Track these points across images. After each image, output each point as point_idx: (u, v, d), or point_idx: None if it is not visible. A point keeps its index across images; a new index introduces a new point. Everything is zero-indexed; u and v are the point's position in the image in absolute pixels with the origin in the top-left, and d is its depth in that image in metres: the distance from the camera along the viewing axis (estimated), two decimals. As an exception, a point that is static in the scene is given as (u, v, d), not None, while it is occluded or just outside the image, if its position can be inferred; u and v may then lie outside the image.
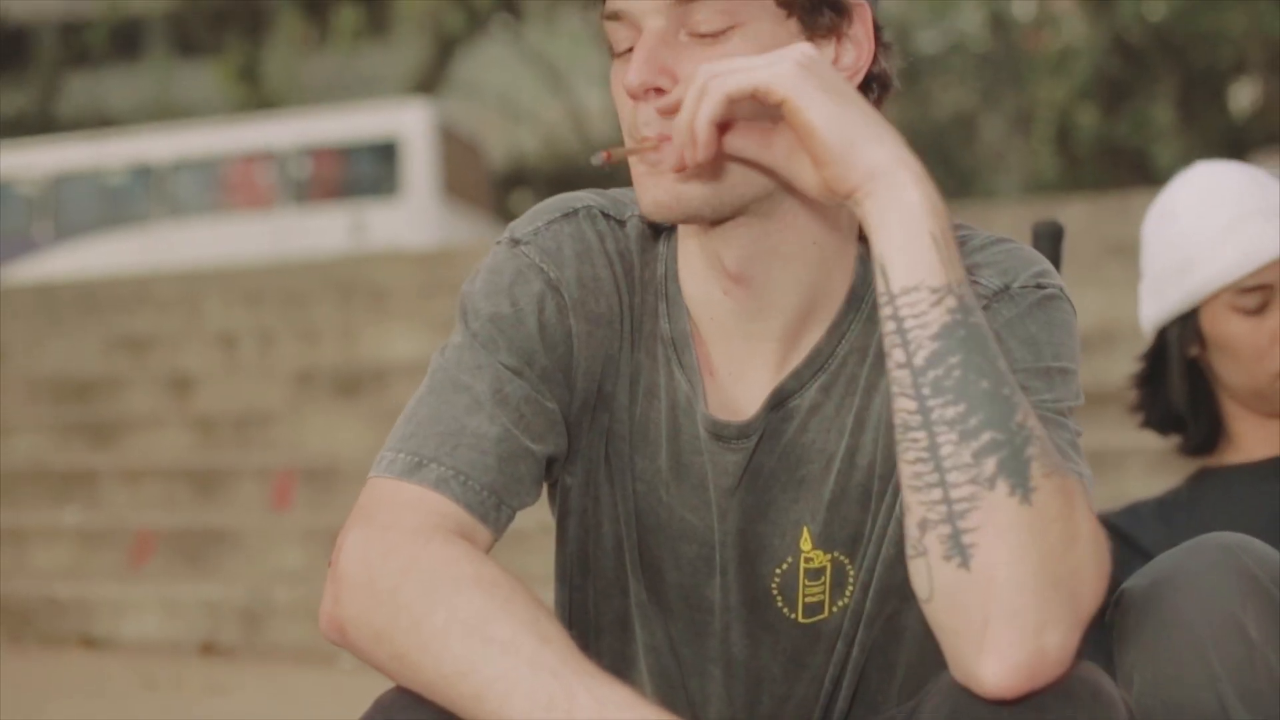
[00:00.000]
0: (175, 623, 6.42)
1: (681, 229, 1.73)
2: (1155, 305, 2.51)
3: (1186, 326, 2.47)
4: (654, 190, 1.63)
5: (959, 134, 23.57)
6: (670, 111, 1.58)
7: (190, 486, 7.78)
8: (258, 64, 28.38)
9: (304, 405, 8.75)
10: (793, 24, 1.62)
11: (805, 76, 1.49)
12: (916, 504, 1.46)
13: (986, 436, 1.44)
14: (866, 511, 1.72)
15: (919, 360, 1.46)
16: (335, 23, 28.30)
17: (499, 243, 1.75)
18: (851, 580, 1.73)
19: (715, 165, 1.59)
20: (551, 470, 1.73)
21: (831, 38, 1.64)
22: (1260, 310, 2.39)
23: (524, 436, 1.65)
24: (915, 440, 1.46)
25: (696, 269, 1.72)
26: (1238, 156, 2.59)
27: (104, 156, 24.44)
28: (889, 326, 1.48)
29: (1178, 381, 2.49)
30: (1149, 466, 5.26)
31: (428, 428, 1.64)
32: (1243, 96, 23.77)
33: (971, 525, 1.43)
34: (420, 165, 22.45)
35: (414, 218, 21.73)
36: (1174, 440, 2.58)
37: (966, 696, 1.47)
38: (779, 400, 1.71)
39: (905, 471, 1.47)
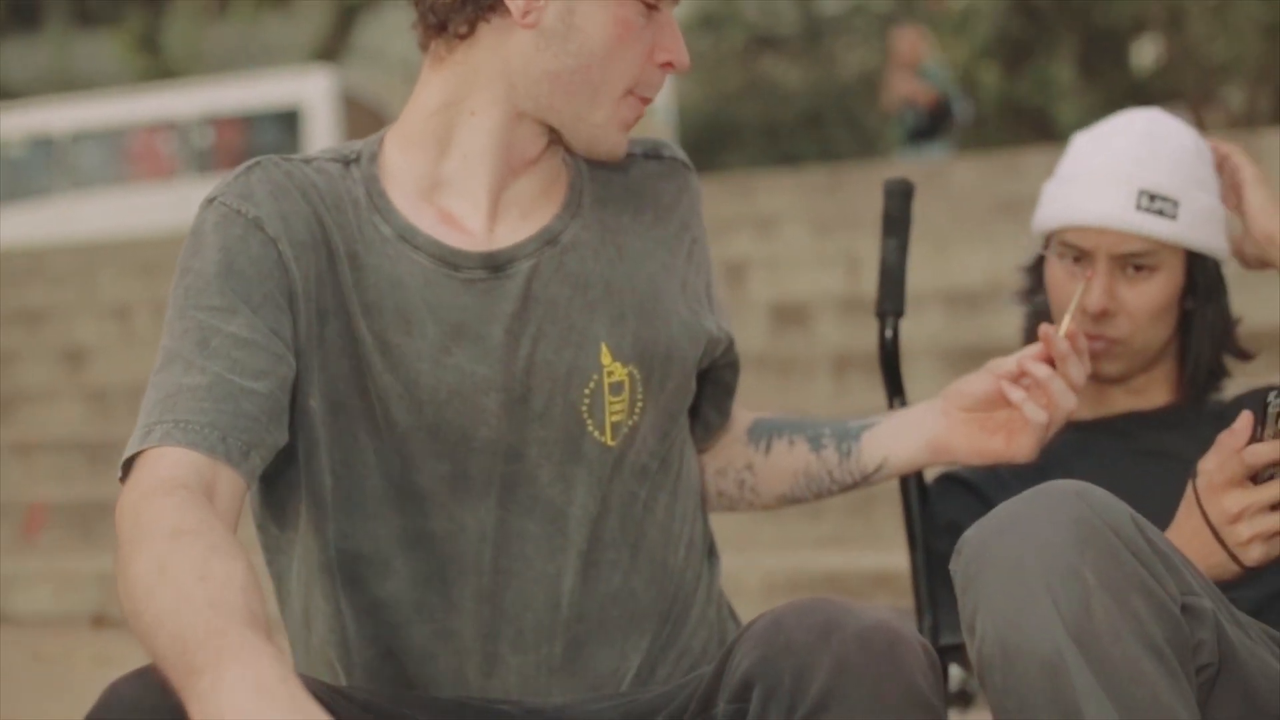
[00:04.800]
0: (67, 595, 6.35)
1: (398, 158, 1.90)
2: (1035, 218, 2.50)
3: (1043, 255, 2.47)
4: None
5: (862, 94, 23.53)
6: None
7: (83, 459, 7.70)
8: (158, 34, 28.04)
9: (199, 375, 8.60)
10: None
11: None
12: None
13: None
14: (650, 330, 1.92)
15: None
16: (236, -9, 28.04)
17: (199, 211, 1.85)
18: (641, 397, 1.90)
19: None
20: (295, 402, 1.82)
21: None
22: (1076, 263, 2.38)
23: (240, 378, 1.72)
24: None
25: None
26: None
27: (3, 129, 24.14)
28: None
29: (1041, 298, 2.48)
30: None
31: (152, 402, 1.73)
32: (1145, 54, 23.90)
33: None
34: (323, 133, 22.26)
35: (318, 185, 21.58)
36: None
37: (774, 634, 1.59)
38: (549, 236, 1.90)
39: None
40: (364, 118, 23.53)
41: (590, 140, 1.90)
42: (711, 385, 2.09)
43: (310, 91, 23.00)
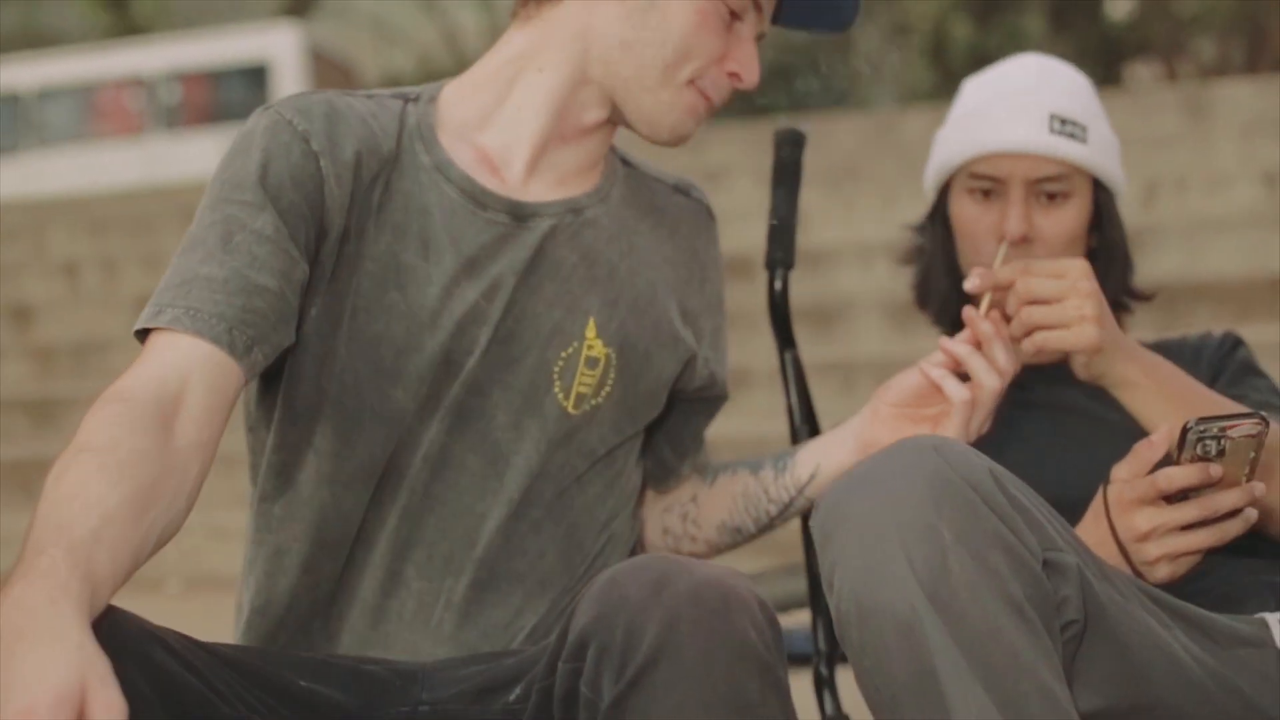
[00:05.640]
0: (10, 554, 6.28)
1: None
2: (928, 171, 2.48)
3: (943, 200, 2.44)
4: None
5: (835, 47, 23.54)
6: None
7: (27, 417, 7.67)
8: (126, -11, 27.93)
9: (146, 332, 8.58)
10: None
11: None
12: None
13: None
14: (638, 324, 2.00)
15: None
16: (204, -55, 27.87)
17: (254, 115, 1.91)
18: (611, 381, 1.98)
19: None
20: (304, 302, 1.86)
21: None
22: (987, 197, 2.35)
23: (257, 275, 1.77)
24: None
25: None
26: (1111, 66, 2.54)
27: (-32, 87, 24.03)
28: None
29: (936, 260, 2.46)
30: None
31: (168, 283, 1.78)
32: (1117, 7, 23.87)
33: None
34: (291, 88, 22.21)
35: (285, 141, 21.46)
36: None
37: (609, 591, 1.59)
38: (575, 206, 1.99)
39: None
40: (332, 73, 23.50)
41: (652, 115, 1.98)
42: (682, 418, 2.18)
43: (278, 47, 22.96)
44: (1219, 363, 2.36)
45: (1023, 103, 2.34)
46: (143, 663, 1.56)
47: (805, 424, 2.45)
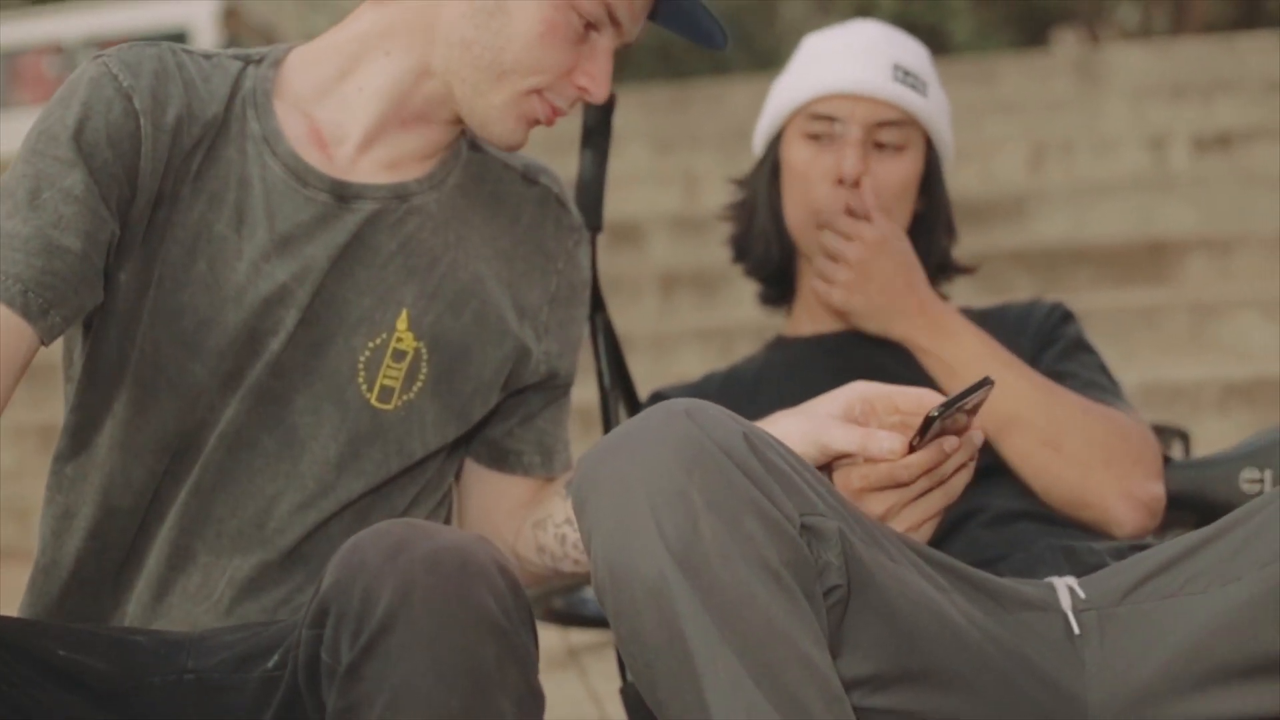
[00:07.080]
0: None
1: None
2: (760, 124, 2.48)
3: (774, 149, 2.44)
4: None
5: (759, 13, 23.50)
6: None
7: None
8: (44, -45, 27.67)
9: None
10: None
11: None
12: None
13: None
14: (455, 319, 1.95)
15: None
16: (123, -90, 27.63)
17: (85, 62, 1.87)
18: (423, 376, 1.94)
19: None
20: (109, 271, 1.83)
21: None
22: (822, 142, 2.35)
23: (61, 235, 1.75)
24: None
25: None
26: (1036, 31, 2.53)
27: (-117, 54, 23.83)
28: None
29: (761, 207, 2.45)
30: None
31: None
32: (1043, -29, 23.92)
33: None
34: (209, 56, 22.11)
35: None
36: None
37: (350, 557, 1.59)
38: (402, 193, 1.94)
39: None
40: (254, 41, 23.33)
41: (484, 119, 1.93)
42: (515, 402, 2.10)
43: (198, 14, 22.78)
44: (1048, 333, 2.37)
45: (867, 51, 2.36)
46: None
47: (616, 389, 2.44)
